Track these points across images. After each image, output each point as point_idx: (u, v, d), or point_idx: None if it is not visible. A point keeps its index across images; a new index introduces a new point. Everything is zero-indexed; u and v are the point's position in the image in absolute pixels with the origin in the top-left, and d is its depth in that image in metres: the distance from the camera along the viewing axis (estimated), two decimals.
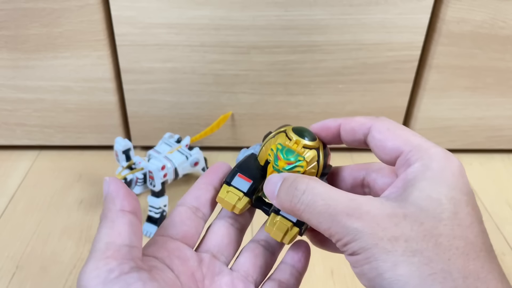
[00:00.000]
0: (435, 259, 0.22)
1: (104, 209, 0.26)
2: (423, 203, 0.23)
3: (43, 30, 0.63)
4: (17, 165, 0.73)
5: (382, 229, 0.23)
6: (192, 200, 0.31)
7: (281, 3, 0.61)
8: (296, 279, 0.34)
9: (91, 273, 0.23)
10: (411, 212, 0.23)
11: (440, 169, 0.25)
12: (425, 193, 0.24)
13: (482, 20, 0.63)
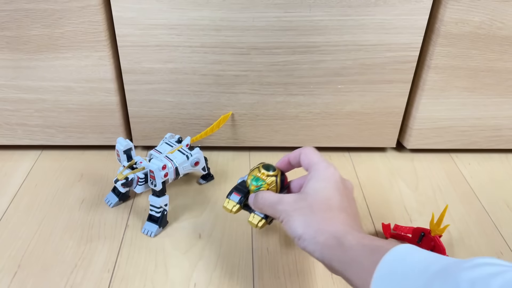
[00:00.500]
0: (310, 214, 0.44)
1: None
2: (309, 191, 0.46)
3: (44, 31, 0.63)
4: (19, 165, 0.73)
5: (290, 207, 0.46)
6: None
7: (280, 5, 0.62)
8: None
9: None
10: (304, 196, 0.46)
11: (320, 173, 0.47)
12: (311, 186, 0.46)
13: (480, 21, 0.63)
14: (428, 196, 0.69)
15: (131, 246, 0.59)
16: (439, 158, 0.78)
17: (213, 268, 0.56)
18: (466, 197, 0.70)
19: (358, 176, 0.73)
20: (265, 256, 0.58)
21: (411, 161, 0.77)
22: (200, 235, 0.61)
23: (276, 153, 0.77)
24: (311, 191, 0.45)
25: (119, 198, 0.65)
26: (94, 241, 0.60)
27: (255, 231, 0.61)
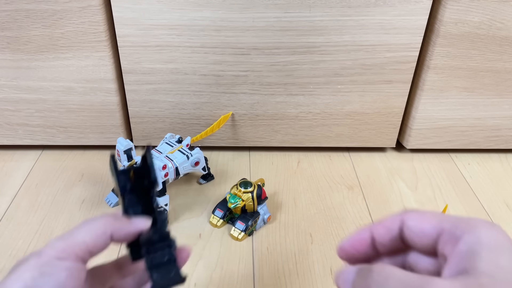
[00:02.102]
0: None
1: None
2: (495, 273, 0.23)
3: (45, 31, 0.63)
4: (20, 165, 0.73)
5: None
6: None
7: (280, 5, 0.62)
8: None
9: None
10: (487, 282, 0.22)
11: (492, 237, 0.24)
12: (493, 262, 0.23)
13: (480, 21, 0.63)
14: (428, 196, 0.70)
15: None
16: (438, 158, 0.78)
17: (213, 268, 0.56)
18: (466, 197, 0.70)
19: (358, 176, 0.73)
20: (265, 256, 0.58)
21: (410, 161, 0.78)
22: (200, 235, 0.61)
23: (276, 153, 0.77)
24: (505, 273, 0.24)
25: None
26: None
27: (255, 231, 0.61)
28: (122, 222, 0.32)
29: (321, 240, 0.60)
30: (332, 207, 0.66)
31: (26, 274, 0.27)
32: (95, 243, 0.30)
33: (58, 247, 0.29)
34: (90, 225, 0.31)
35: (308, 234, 0.61)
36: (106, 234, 0.31)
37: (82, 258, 0.29)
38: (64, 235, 0.30)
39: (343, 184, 0.71)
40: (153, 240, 0.32)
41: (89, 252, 0.30)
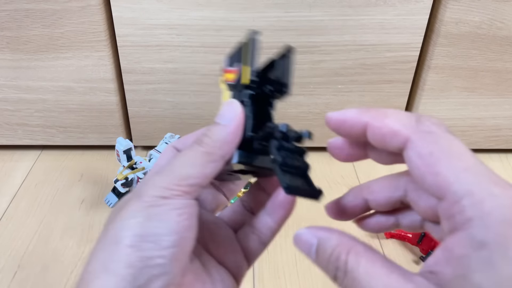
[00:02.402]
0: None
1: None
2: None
3: (44, 31, 0.63)
4: (19, 165, 0.73)
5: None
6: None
7: (280, 5, 0.62)
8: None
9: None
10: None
11: (499, 247, 0.17)
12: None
13: (480, 21, 0.63)
14: None
15: None
16: None
17: None
18: None
19: (358, 177, 0.73)
20: (265, 256, 0.58)
21: None
22: None
23: None
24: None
25: (119, 198, 0.65)
26: (94, 241, 0.59)
27: None
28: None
29: None
30: None
31: (131, 221, 0.23)
32: (205, 174, 0.25)
33: (159, 185, 0.24)
34: (190, 155, 0.25)
35: None
36: (216, 160, 0.25)
37: (190, 194, 0.24)
38: (163, 171, 0.25)
39: (343, 185, 0.71)
40: (284, 136, 0.26)
41: (198, 185, 0.25)
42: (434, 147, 0.20)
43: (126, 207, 0.24)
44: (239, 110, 0.26)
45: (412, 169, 0.21)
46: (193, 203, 0.25)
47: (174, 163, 0.25)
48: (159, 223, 0.23)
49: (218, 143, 0.25)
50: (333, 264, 0.22)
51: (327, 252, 0.22)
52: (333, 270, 0.22)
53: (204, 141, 0.26)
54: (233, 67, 0.29)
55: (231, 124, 0.26)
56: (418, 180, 0.21)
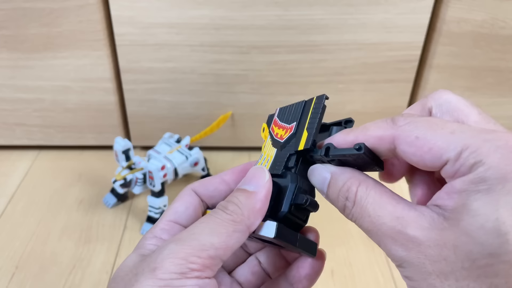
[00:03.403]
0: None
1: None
2: (477, 234, 0.19)
3: (42, 30, 0.63)
4: (17, 165, 0.73)
5: (431, 263, 0.20)
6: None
7: (281, 3, 0.61)
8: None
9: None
10: (463, 243, 0.19)
11: (497, 180, 0.19)
12: (479, 221, 0.19)
13: (483, 20, 0.63)
14: None
15: (130, 248, 0.58)
16: None
17: None
18: None
19: None
20: None
21: None
22: None
23: None
24: (487, 237, 0.19)
25: (118, 198, 0.65)
26: (93, 242, 0.59)
27: None
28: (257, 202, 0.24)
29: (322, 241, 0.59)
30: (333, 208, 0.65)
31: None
32: (228, 244, 0.22)
33: (177, 255, 0.21)
34: (213, 221, 0.23)
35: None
36: (241, 230, 0.23)
37: (210, 269, 0.22)
38: (182, 237, 0.22)
39: None
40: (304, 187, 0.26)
41: (220, 257, 0.22)
42: (416, 131, 0.21)
43: (138, 283, 0.21)
44: (268, 176, 0.25)
45: (411, 160, 0.22)
46: (212, 284, 0.22)
47: (194, 230, 0.23)
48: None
49: (246, 211, 0.24)
50: (343, 194, 0.23)
51: (339, 184, 0.24)
52: (343, 201, 0.24)
53: (230, 207, 0.23)
54: (287, 123, 0.28)
55: (260, 191, 0.24)
56: (421, 166, 0.22)
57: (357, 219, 0.23)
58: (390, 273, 0.56)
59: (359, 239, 0.60)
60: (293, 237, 0.25)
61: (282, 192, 0.25)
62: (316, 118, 0.26)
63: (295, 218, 0.26)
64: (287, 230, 0.25)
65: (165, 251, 0.22)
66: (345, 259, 0.57)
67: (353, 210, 0.23)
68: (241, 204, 0.24)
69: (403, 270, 0.21)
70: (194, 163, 0.64)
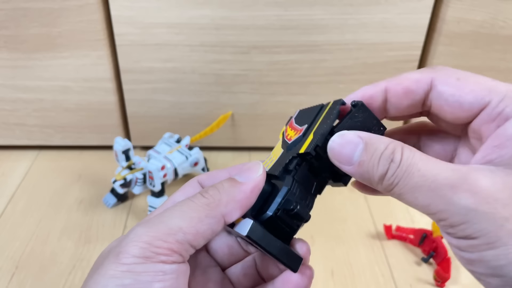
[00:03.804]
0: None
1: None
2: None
3: (42, 30, 0.63)
4: (17, 165, 0.73)
5: (503, 206, 0.18)
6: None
7: (281, 3, 0.61)
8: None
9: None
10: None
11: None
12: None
13: (483, 20, 0.63)
14: None
15: None
16: None
17: None
18: None
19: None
20: None
21: None
22: None
23: None
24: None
25: (118, 198, 0.65)
26: (93, 242, 0.59)
27: None
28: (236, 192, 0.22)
29: (322, 241, 0.59)
30: (333, 208, 0.65)
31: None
32: (198, 230, 0.21)
33: (142, 238, 0.20)
34: (186, 204, 0.21)
35: (309, 236, 0.60)
36: (215, 216, 0.21)
37: (178, 254, 0.21)
38: (150, 220, 0.21)
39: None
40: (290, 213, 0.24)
41: (189, 242, 0.21)
42: (458, 74, 0.22)
43: (102, 268, 0.20)
44: (260, 172, 0.24)
45: (444, 100, 0.22)
46: (181, 270, 0.20)
47: (165, 213, 0.21)
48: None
49: (225, 198, 0.22)
50: (387, 158, 0.21)
51: (381, 147, 0.21)
52: (386, 164, 0.21)
53: (210, 192, 0.22)
54: (299, 125, 0.27)
55: (247, 183, 0.23)
56: (451, 108, 0.22)
57: (401, 178, 0.21)
58: (390, 273, 0.56)
59: (359, 239, 0.60)
60: (271, 242, 0.23)
61: (274, 195, 0.24)
62: (326, 122, 0.24)
63: (282, 224, 0.24)
64: (265, 233, 0.23)
65: (130, 235, 0.21)
66: (345, 259, 0.57)
67: (398, 171, 0.21)
68: (223, 190, 0.23)
69: (467, 225, 0.19)
70: (194, 163, 0.64)
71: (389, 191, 0.22)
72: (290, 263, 0.24)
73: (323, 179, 0.26)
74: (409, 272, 0.56)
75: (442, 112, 0.23)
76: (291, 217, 0.24)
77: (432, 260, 0.57)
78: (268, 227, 0.24)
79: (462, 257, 0.20)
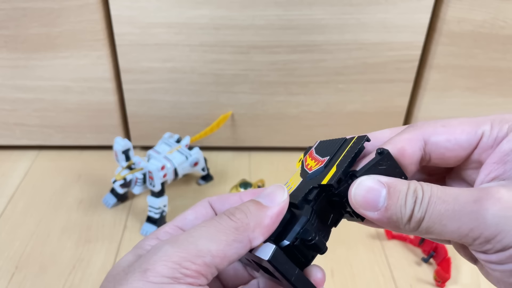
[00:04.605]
0: None
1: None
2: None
3: (42, 30, 0.63)
4: (17, 165, 0.73)
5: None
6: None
7: (281, 3, 0.61)
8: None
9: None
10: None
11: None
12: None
13: (483, 20, 0.62)
14: None
15: (130, 248, 0.58)
16: None
17: None
18: None
19: None
20: None
21: None
22: None
23: (276, 153, 0.76)
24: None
25: (118, 199, 0.65)
26: (93, 242, 0.59)
27: None
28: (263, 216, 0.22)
29: None
30: None
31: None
32: (226, 254, 0.21)
33: (171, 259, 0.20)
34: (214, 227, 0.21)
35: None
36: (242, 241, 0.21)
37: (204, 277, 0.20)
38: (178, 239, 0.21)
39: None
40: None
41: (215, 266, 0.21)
42: (439, 122, 0.23)
43: (126, 283, 0.20)
44: (286, 196, 0.23)
45: (445, 147, 0.23)
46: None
47: (193, 233, 0.21)
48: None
49: (253, 222, 0.22)
50: (411, 196, 0.21)
51: (403, 189, 0.21)
52: (412, 204, 0.21)
53: (237, 215, 0.22)
54: (320, 156, 0.26)
55: (273, 208, 0.23)
56: (451, 152, 0.23)
57: (426, 211, 0.21)
58: (390, 273, 0.56)
59: (359, 239, 0.60)
60: (290, 269, 0.23)
61: (292, 223, 0.24)
62: (350, 157, 0.24)
63: (297, 253, 0.24)
64: (285, 259, 0.23)
65: (159, 253, 0.20)
66: (345, 259, 0.57)
67: (422, 206, 0.21)
68: (250, 214, 0.22)
69: (502, 236, 0.19)
70: (194, 163, 0.64)
71: (417, 228, 0.21)
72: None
73: (339, 213, 0.26)
74: (409, 272, 0.56)
75: (445, 159, 0.23)
76: (307, 247, 0.24)
77: (432, 260, 0.57)
78: (285, 254, 0.24)
79: (497, 270, 0.20)
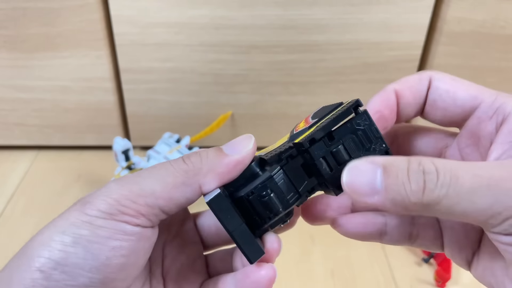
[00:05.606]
0: None
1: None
2: None
3: (42, 30, 0.63)
4: (16, 166, 0.72)
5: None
6: None
7: (281, 3, 0.61)
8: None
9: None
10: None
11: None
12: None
13: (483, 20, 0.62)
14: None
15: None
16: None
17: None
18: None
19: None
20: None
21: None
22: None
23: None
24: None
25: None
26: None
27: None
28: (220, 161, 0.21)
29: (323, 241, 0.59)
30: None
31: (56, 239, 0.19)
32: (172, 196, 0.20)
33: (111, 195, 0.19)
34: (164, 168, 0.20)
35: (309, 236, 0.60)
36: (191, 185, 0.20)
37: (145, 218, 0.20)
38: (126, 178, 0.20)
39: None
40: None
41: (159, 207, 0.20)
42: (453, 77, 0.24)
43: (66, 213, 0.20)
44: (251, 147, 0.22)
45: (439, 95, 0.23)
46: (144, 234, 0.20)
47: (142, 173, 0.21)
48: (85, 253, 0.19)
49: (206, 167, 0.21)
50: (416, 171, 0.19)
51: (402, 165, 0.19)
52: (420, 178, 0.18)
53: (192, 158, 0.21)
54: (312, 119, 0.25)
55: (232, 156, 0.22)
56: (446, 104, 0.23)
57: (449, 186, 0.18)
58: (390, 274, 0.56)
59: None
60: (233, 220, 0.21)
61: (257, 178, 0.22)
62: (332, 118, 0.23)
63: (252, 210, 0.22)
64: (229, 208, 0.21)
65: (103, 189, 0.20)
66: (345, 259, 0.57)
67: (441, 180, 0.18)
68: (206, 159, 0.21)
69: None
70: None
71: (434, 206, 0.18)
72: (248, 252, 0.22)
73: (314, 181, 0.24)
74: (409, 272, 0.56)
75: (435, 107, 0.23)
76: (262, 205, 0.22)
77: (432, 260, 0.57)
78: (238, 208, 0.22)
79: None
